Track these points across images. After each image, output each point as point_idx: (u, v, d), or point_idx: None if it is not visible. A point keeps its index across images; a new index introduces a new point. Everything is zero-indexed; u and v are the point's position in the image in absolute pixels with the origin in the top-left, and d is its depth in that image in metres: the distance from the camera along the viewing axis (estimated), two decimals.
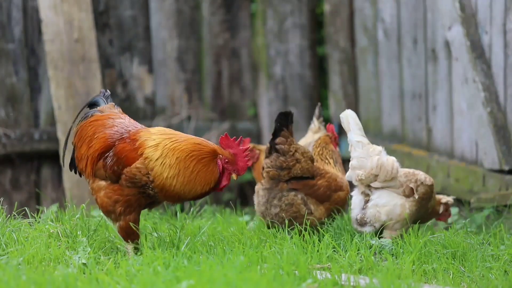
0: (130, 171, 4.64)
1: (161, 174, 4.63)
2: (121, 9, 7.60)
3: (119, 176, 4.68)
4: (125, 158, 4.66)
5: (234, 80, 7.95)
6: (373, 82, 7.53)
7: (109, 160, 4.70)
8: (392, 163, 5.19)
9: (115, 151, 4.70)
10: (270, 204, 5.18)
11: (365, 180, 5.18)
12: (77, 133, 4.85)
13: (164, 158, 4.64)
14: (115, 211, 4.70)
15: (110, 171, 4.69)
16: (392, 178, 5.18)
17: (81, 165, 4.82)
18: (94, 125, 4.82)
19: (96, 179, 4.77)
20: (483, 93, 6.25)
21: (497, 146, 6.20)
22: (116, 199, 4.69)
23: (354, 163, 5.21)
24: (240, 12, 7.93)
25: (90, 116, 4.87)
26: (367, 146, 5.21)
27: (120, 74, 7.65)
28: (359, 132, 5.21)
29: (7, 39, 7.26)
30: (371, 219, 5.16)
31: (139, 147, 4.66)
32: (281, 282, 4.13)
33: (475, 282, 4.49)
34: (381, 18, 7.37)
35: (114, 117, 4.86)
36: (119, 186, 4.69)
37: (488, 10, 6.26)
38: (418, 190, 5.19)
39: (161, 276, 4.18)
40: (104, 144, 4.75)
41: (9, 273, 4.15)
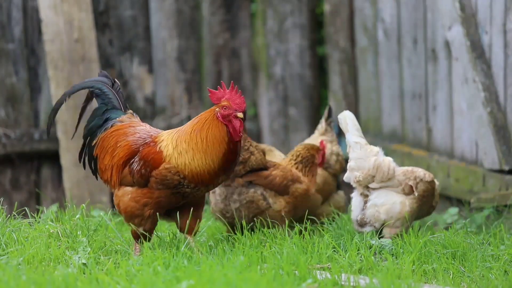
0: (160, 173, 4.63)
1: (183, 164, 4.62)
2: (121, 9, 7.60)
3: (147, 180, 4.66)
4: (152, 160, 4.66)
5: (234, 80, 7.94)
6: (373, 82, 7.53)
7: (136, 165, 4.69)
8: (389, 164, 5.19)
9: (140, 156, 4.69)
10: (229, 200, 5.15)
11: (363, 182, 5.18)
12: (99, 144, 4.83)
13: (177, 148, 4.64)
14: (143, 215, 4.68)
15: (138, 175, 4.67)
16: (389, 179, 5.18)
17: (106, 176, 4.80)
18: (116, 135, 4.81)
19: (121, 187, 4.74)
20: (483, 93, 6.25)
21: (497, 146, 6.20)
22: (145, 202, 4.68)
23: (352, 165, 5.21)
24: (240, 12, 7.93)
25: (110, 126, 4.85)
26: (365, 147, 5.21)
27: (120, 74, 7.65)
28: (357, 133, 5.21)
29: (7, 39, 7.26)
30: (370, 219, 5.16)
31: (161, 149, 4.67)
32: (281, 282, 4.13)
33: (475, 282, 4.49)
34: (381, 18, 7.37)
35: (135, 125, 4.85)
36: (148, 189, 4.67)
37: (488, 10, 6.26)
38: (418, 187, 5.19)
39: (161, 276, 4.18)
40: (128, 151, 4.74)
41: (9, 273, 4.15)
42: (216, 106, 4.69)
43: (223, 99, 4.68)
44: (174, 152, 4.65)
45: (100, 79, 4.95)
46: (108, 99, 4.92)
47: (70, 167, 7.29)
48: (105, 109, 4.90)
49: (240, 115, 4.64)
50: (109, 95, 4.92)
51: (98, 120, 4.89)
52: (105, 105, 4.91)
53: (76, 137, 7.45)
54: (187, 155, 4.63)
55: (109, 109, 4.90)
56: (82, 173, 7.29)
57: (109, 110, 4.90)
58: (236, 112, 4.64)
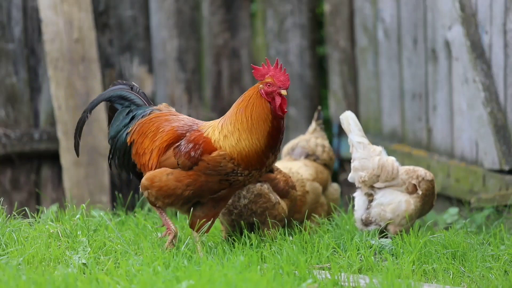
0: (214, 159, 4.63)
1: (230, 146, 4.62)
2: (121, 9, 7.60)
3: (195, 163, 4.65)
4: (204, 143, 4.65)
5: (234, 80, 7.94)
6: (373, 82, 7.53)
7: (183, 148, 4.67)
8: (392, 163, 5.21)
9: (189, 139, 4.68)
10: (238, 196, 5.15)
11: (369, 181, 5.19)
12: (136, 130, 4.83)
13: (222, 131, 4.65)
14: (182, 194, 4.67)
15: (185, 157, 4.65)
16: (393, 178, 5.18)
17: (144, 159, 4.79)
18: (157, 121, 4.81)
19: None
20: (483, 93, 6.25)
21: (497, 146, 6.20)
22: (188, 182, 4.66)
23: (356, 165, 5.22)
24: (240, 12, 7.93)
25: (148, 113, 4.85)
26: (368, 146, 5.22)
27: (120, 74, 7.65)
28: (359, 133, 5.21)
29: (7, 39, 7.26)
30: (376, 218, 5.17)
31: (209, 135, 4.68)
32: (281, 282, 4.13)
33: (475, 282, 4.49)
34: (381, 18, 7.37)
35: (176, 114, 4.87)
36: (194, 172, 4.65)
37: (488, 10, 6.25)
38: (421, 186, 5.20)
39: (161, 276, 4.18)
40: (173, 136, 4.74)
41: (9, 273, 4.15)
42: (260, 83, 4.68)
43: (267, 76, 4.67)
44: (219, 135, 4.64)
45: (115, 88, 4.98)
46: (129, 101, 4.93)
47: (70, 167, 7.29)
48: (129, 110, 4.92)
49: (284, 93, 4.62)
50: (130, 97, 4.93)
51: (124, 119, 4.89)
52: (128, 107, 4.92)
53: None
54: (232, 137, 4.63)
55: (132, 109, 4.91)
56: (82, 173, 7.29)
57: (133, 109, 4.91)
58: (280, 89, 4.63)
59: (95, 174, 7.34)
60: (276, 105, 4.62)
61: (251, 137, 4.62)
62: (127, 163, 4.90)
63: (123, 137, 4.88)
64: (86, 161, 7.32)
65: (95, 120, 7.35)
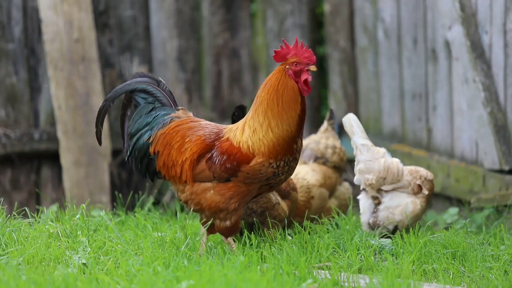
0: (253, 168, 4.56)
1: (258, 140, 4.56)
2: (121, 9, 7.60)
3: (232, 174, 4.58)
4: (239, 153, 4.57)
5: (234, 80, 7.95)
6: (373, 82, 7.53)
7: (217, 160, 4.59)
8: (397, 165, 5.20)
9: (221, 150, 4.60)
10: None
11: (376, 184, 5.18)
12: (159, 141, 4.70)
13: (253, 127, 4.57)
14: (227, 208, 4.60)
15: (221, 170, 4.57)
16: (398, 180, 5.18)
17: (173, 171, 4.67)
18: (180, 130, 4.69)
19: (195, 183, 4.65)
20: (483, 93, 6.25)
21: (497, 146, 6.20)
22: (230, 195, 4.59)
23: (361, 167, 5.20)
24: (240, 12, 7.93)
25: (168, 122, 4.72)
26: (372, 148, 5.21)
27: (120, 74, 7.65)
28: (363, 135, 5.20)
29: (7, 39, 7.26)
30: (384, 221, 5.16)
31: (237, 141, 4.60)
32: (281, 282, 4.13)
33: (475, 282, 4.49)
34: (381, 18, 7.37)
35: (196, 120, 4.75)
36: (234, 183, 4.59)
37: (488, 10, 6.26)
38: (425, 186, 5.21)
39: (161, 276, 4.18)
40: (202, 145, 4.64)
41: (9, 273, 4.15)
42: (283, 64, 4.58)
43: (289, 56, 4.57)
44: (249, 132, 4.56)
45: (141, 79, 4.82)
46: (154, 97, 4.78)
47: (70, 167, 7.29)
48: (152, 107, 4.78)
49: (313, 68, 4.54)
50: (156, 93, 4.79)
51: (146, 117, 4.76)
52: (152, 103, 4.78)
53: (76, 136, 7.46)
54: (261, 128, 4.55)
55: (156, 107, 4.78)
56: (82, 173, 7.29)
57: (157, 108, 4.78)
58: (308, 66, 4.55)
59: (95, 174, 7.34)
60: (303, 83, 4.53)
61: (281, 123, 4.54)
62: (145, 168, 4.77)
63: (143, 138, 4.75)
64: (86, 161, 7.32)
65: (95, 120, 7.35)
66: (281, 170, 4.60)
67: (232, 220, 4.63)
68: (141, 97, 4.79)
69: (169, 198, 7.68)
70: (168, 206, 6.99)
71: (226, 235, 4.71)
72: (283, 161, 4.57)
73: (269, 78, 4.60)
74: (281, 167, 4.58)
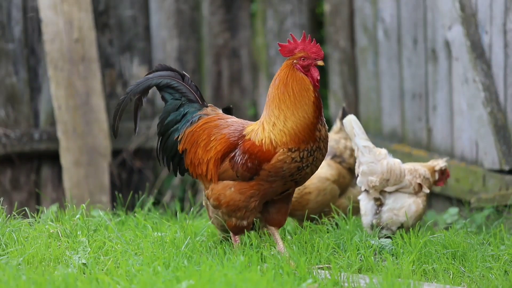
0: (274, 166, 4.51)
1: (279, 131, 4.52)
2: (121, 9, 7.60)
3: (255, 173, 4.55)
4: (259, 152, 4.53)
5: (234, 80, 7.95)
6: (373, 82, 7.53)
7: (239, 159, 4.56)
8: (399, 166, 5.20)
9: (243, 149, 4.57)
10: None
11: (379, 186, 5.18)
12: (187, 139, 4.68)
13: (271, 121, 4.55)
14: (248, 206, 4.56)
15: (243, 169, 4.54)
16: (400, 181, 5.19)
17: (199, 170, 4.65)
18: (207, 128, 4.67)
19: (219, 181, 4.62)
20: (483, 93, 6.25)
21: (497, 146, 6.20)
22: (251, 193, 4.55)
23: (364, 169, 5.18)
24: (240, 12, 7.93)
25: (197, 120, 4.70)
26: (374, 150, 5.20)
27: (120, 74, 7.65)
28: (364, 136, 5.19)
29: (7, 39, 7.26)
30: (388, 222, 5.17)
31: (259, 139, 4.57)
32: (281, 282, 4.13)
33: (475, 282, 4.49)
34: (381, 18, 7.37)
35: (224, 117, 4.72)
36: (256, 182, 4.55)
37: (488, 10, 6.25)
38: (425, 184, 5.22)
39: (161, 276, 4.18)
40: (226, 144, 4.61)
41: (9, 273, 4.15)
42: (291, 59, 4.56)
43: (296, 51, 4.56)
44: (268, 127, 4.53)
45: (165, 73, 4.75)
46: (180, 93, 4.73)
47: (70, 167, 7.29)
48: (180, 103, 4.73)
49: (320, 63, 4.53)
50: (181, 89, 4.74)
51: (175, 115, 4.74)
52: (179, 100, 4.73)
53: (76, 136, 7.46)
54: (278, 120, 4.52)
55: (184, 103, 4.74)
56: (82, 173, 7.29)
57: (184, 104, 4.74)
58: (315, 61, 4.54)
59: (95, 174, 7.34)
60: (312, 77, 4.52)
61: (297, 112, 4.51)
62: (177, 166, 4.75)
63: (173, 138, 4.73)
64: (86, 161, 7.32)
65: (95, 120, 7.35)
66: (306, 163, 4.53)
67: (249, 220, 4.62)
68: (167, 93, 4.75)
69: (169, 198, 7.68)
70: (168, 206, 6.99)
71: (237, 233, 4.68)
72: (306, 150, 4.51)
73: (277, 74, 4.59)
74: (305, 159, 4.52)
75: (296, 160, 4.52)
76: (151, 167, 7.75)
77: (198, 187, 7.74)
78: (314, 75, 4.54)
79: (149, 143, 7.63)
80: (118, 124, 4.81)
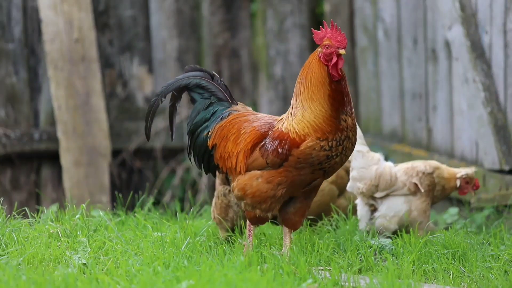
0: (304, 151, 4.49)
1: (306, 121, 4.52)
2: (121, 9, 7.60)
3: (285, 159, 4.53)
4: (289, 138, 4.52)
5: (234, 80, 7.94)
6: (373, 82, 7.53)
7: (269, 146, 4.55)
8: (390, 171, 5.19)
9: (273, 136, 4.56)
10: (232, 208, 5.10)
11: (367, 193, 5.18)
12: (217, 134, 4.69)
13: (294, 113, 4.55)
14: (275, 195, 4.54)
15: (273, 155, 4.53)
16: (391, 186, 5.18)
17: (229, 163, 4.65)
18: (236, 123, 4.68)
19: (246, 172, 4.61)
20: (483, 93, 6.25)
21: (497, 146, 6.20)
22: (279, 181, 4.54)
23: (354, 174, 5.20)
24: (240, 12, 7.93)
25: (227, 115, 4.71)
26: (367, 155, 5.19)
27: (120, 74, 7.65)
28: (359, 140, 5.18)
29: (7, 39, 7.26)
30: (381, 229, 5.17)
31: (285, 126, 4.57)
32: (281, 282, 4.13)
33: (475, 282, 4.49)
34: (381, 18, 7.37)
35: (254, 113, 4.75)
36: (284, 169, 4.52)
37: (488, 10, 6.25)
38: (423, 182, 5.19)
39: (161, 276, 4.18)
40: (255, 136, 4.62)
41: (9, 273, 4.15)
42: (319, 46, 4.57)
43: (324, 39, 4.55)
44: (287, 121, 4.54)
45: (193, 74, 4.79)
46: (209, 92, 4.75)
47: (70, 167, 7.29)
48: (210, 102, 4.75)
49: (342, 52, 4.51)
50: (211, 88, 4.76)
51: (204, 114, 4.75)
52: (208, 99, 4.75)
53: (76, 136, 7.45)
54: (298, 111, 4.54)
55: (213, 102, 4.76)
56: (82, 173, 7.29)
57: (213, 103, 4.76)
58: (338, 50, 4.53)
59: (95, 174, 7.34)
60: (332, 66, 4.51)
61: (313, 103, 4.52)
62: (207, 163, 4.75)
63: (203, 135, 4.73)
64: (86, 161, 7.32)
65: (95, 120, 7.35)
66: (335, 152, 4.52)
67: (273, 212, 4.60)
68: (197, 93, 4.78)
69: (169, 198, 7.68)
70: (168, 206, 6.99)
71: (255, 223, 4.66)
72: (335, 140, 4.51)
73: (306, 61, 4.61)
74: (334, 148, 4.51)
75: (325, 148, 4.51)
76: (151, 167, 7.75)
77: (198, 187, 7.75)
78: (334, 64, 4.54)
79: (149, 143, 7.64)
80: (150, 126, 4.86)
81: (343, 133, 4.52)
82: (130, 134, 7.59)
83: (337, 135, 4.51)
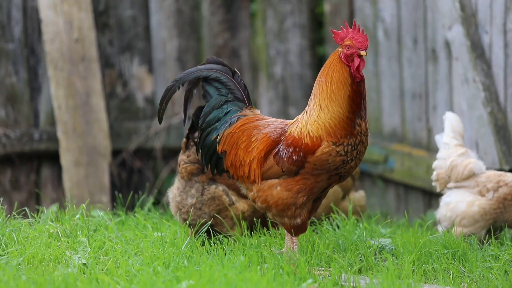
0: (319, 158, 4.45)
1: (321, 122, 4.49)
2: (121, 9, 7.60)
3: (301, 166, 4.48)
4: (304, 144, 4.48)
5: None
6: (373, 82, 7.53)
7: (284, 153, 4.50)
8: (466, 165, 5.28)
9: (287, 143, 4.51)
10: (187, 194, 5.03)
11: (440, 181, 5.37)
12: (226, 140, 4.63)
13: (308, 114, 4.52)
14: (296, 203, 4.49)
15: (289, 162, 4.47)
16: (463, 179, 5.24)
17: (241, 171, 4.59)
18: (246, 129, 4.62)
19: (262, 181, 4.55)
20: (483, 93, 6.25)
21: (497, 146, 6.20)
22: (298, 189, 4.48)
23: (436, 164, 5.41)
24: (240, 12, 7.93)
25: (235, 121, 4.64)
26: (453, 148, 5.36)
27: (120, 74, 7.65)
28: (451, 134, 5.38)
29: (7, 39, 7.26)
30: (441, 218, 5.26)
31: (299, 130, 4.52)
32: (281, 282, 4.13)
33: (475, 282, 4.49)
34: (381, 18, 7.37)
35: (262, 118, 4.68)
36: (302, 176, 4.47)
37: (488, 10, 6.25)
38: (499, 190, 5.20)
39: (161, 276, 4.18)
40: (267, 143, 4.56)
41: (9, 273, 4.15)
42: (340, 46, 4.51)
43: (346, 39, 4.50)
44: (301, 123, 4.51)
45: (215, 67, 4.71)
46: (227, 89, 4.69)
47: (70, 167, 7.29)
48: (226, 100, 4.68)
49: (363, 53, 4.46)
50: (230, 85, 4.69)
51: (218, 112, 4.68)
52: (224, 96, 4.68)
53: (76, 136, 7.45)
54: (314, 111, 4.50)
55: (229, 100, 4.69)
56: (82, 173, 7.29)
57: (230, 102, 4.69)
58: (359, 51, 4.47)
59: (95, 174, 7.34)
60: (354, 67, 4.46)
61: (332, 105, 4.47)
62: (214, 165, 4.68)
63: (211, 137, 4.67)
64: (86, 161, 7.32)
65: (95, 120, 7.35)
66: (350, 156, 4.48)
67: (302, 217, 4.53)
68: (214, 87, 4.71)
69: None
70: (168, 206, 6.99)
71: (296, 233, 4.58)
72: (350, 145, 4.47)
73: (327, 60, 4.55)
74: (350, 152, 4.47)
75: (341, 153, 4.47)
76: (151, 167, 7.75)
77: None
78: (356, 65, 4.49)
79: (149, 143, 7.64)
80: (164, 109, 4.77)
81: (357, 137, 4.49)
82: (130, 134, 7.60)
83: (351, 140, 4.48)
